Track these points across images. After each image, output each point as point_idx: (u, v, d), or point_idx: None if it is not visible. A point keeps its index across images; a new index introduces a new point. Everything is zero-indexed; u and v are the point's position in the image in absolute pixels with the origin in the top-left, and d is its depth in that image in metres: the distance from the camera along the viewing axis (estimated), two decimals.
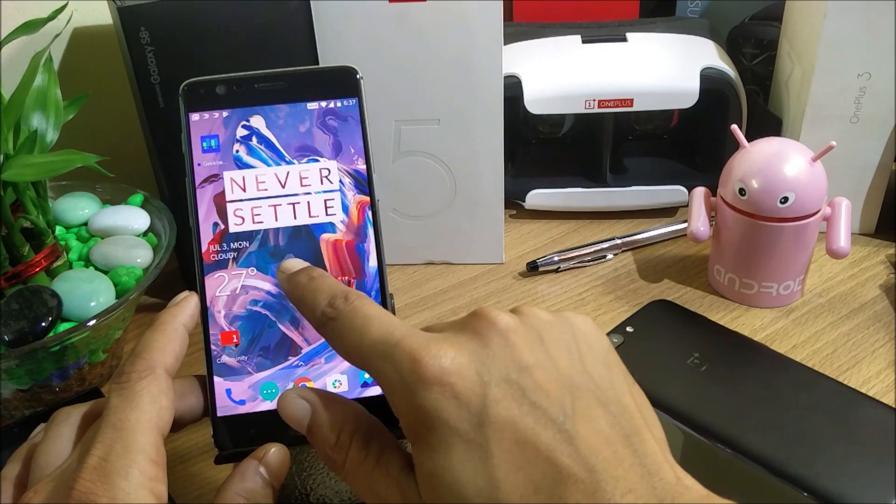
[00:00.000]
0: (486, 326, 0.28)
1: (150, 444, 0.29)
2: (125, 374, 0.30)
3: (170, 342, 0.32)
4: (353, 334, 0.29)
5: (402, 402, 0.27)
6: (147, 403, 0.30)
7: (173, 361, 0.32)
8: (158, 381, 0.30)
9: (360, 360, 0.29)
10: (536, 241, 0.64)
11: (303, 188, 0.36)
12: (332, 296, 0.30)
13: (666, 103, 0.61)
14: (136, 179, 0.55)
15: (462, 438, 0.26)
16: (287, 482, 0.40)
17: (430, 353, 0.27)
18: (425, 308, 0.57)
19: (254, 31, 0.49)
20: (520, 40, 0.66)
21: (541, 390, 0.26)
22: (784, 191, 0.50)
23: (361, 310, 0.29)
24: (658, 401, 0.46)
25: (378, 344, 0.28)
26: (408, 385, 0.27)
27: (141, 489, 0.28)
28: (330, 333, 0.30)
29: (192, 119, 0.36)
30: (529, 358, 0.27)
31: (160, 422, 0.30)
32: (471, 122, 0.55)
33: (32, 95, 0.46)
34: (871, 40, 0.53)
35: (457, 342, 0.28)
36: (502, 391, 0.26)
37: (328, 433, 0.30)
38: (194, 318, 0.34)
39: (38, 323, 0.42)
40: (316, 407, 0.30)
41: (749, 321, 0.54)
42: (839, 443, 0.42)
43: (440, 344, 0.27)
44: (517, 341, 0.28)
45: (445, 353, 0.27)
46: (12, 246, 0.45)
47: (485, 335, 0.28)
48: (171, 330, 0.32)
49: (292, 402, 0.30)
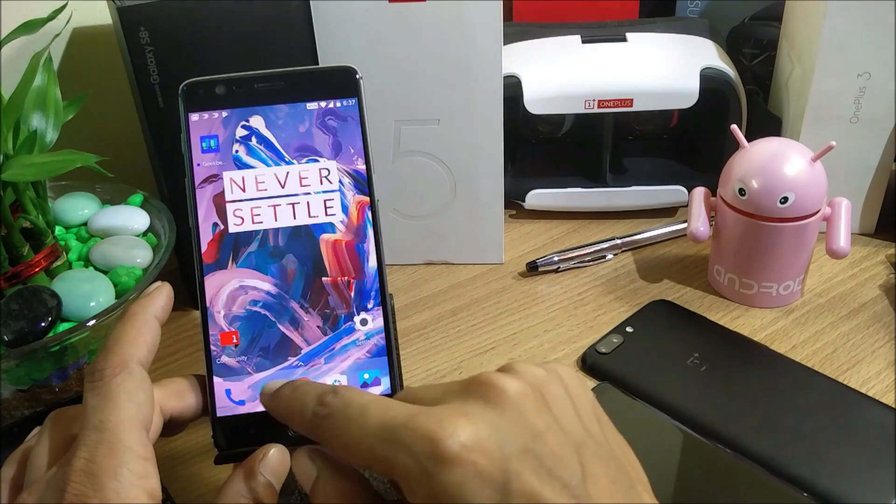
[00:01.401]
0: (497, 395, 0.27)
1: (136, 441, 0.28)
2: (98, 372, 0.30)
3: (141, 334, 0.31)
4: (351, 427, 0.28)
5: (420, 489, 0.26)
6: (125, 401, 0.29)
7: (146, 353, 0.31)
8: (133, 376, 0.30)
9: (364, 451, 0.27)
10: (536, 241, 0.64)
11: (302, 188, 0.36)
12: (319, 394, 0.29)
13: (666, 103, 0.60)
14: (136, 179, 0.55)
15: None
16: (287, 482, 0.40)
17: (447, 431, 0.26)
18: (425, 308, 0.57)
19: (254, 31, 0.49)
20: (520, 40, 0.66)
21: (554, 456, 0.26)
22: (784, 191, 0.50)
23: (354, 399, 0.28)
24: (658, 401, 0.46)
25: (382, 430, 0.27)
26: (425, 469, 0.25)
27: (132, 488, 0.27)
28: (326, 433, 0.29)
29: (192, 119, 0.36)
30: (541, 424, 0.27)
31: (142, 417, 0.29)
32: (471, 122, 0.55)
33: (32, 95, 0.46)
34: (871, 40, 0.53)
35: (470, 414, 0.27)
36: (522, 463, 0.26)
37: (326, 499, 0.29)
38: (166, 309, 0.33)
39: (38, 323, 0.42)
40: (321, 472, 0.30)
41: (749, 321, 0.54)
42: (839, 443, 0.42)
43: (455, 419, 0.26)
44: (528, 408, 0.27)
45: (463, 429, 0.26)
46: (12, 246, 0.45)
47: (498, 404, 0.27)
48: (142, 321, 0.32)
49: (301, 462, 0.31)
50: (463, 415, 0.26)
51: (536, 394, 0.28)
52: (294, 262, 0.35)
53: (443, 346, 0.53)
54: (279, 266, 0.35)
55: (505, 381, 0.28)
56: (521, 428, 0.27)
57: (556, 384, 0.29)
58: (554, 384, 0.29)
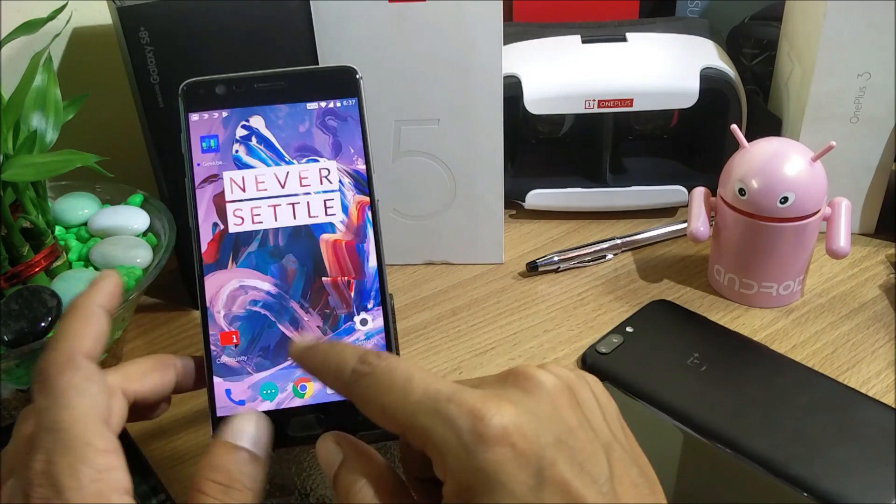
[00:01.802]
0: (535, 385, 0.28)
1: (93, 435, 0.27)
2: (43, 371, 0.29)
3: (85, 325, 0.30)
4: (392, 391, 0.27)
5: (456, 462, 0.26)
6: (75, 396, 0.28)
7: (92, 345, 0.30)
8: (80, 370, 0.29)
9: (403, 417, 0.27)
10: (536, 241, 0.64)
11: (302, 188, 0.36)
12: (362, 353, 0.29)
13: (666, 103, 0.60)
14: (136, 179, 0.55)
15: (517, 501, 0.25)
16: (287, 482, 0.40)
17: (491, 409, 0.26)
18: (425, 308, 0.57)
19: (254, 31, 0.49)
20: (520, 40, 0.66)
21: (585, 451, 0.27)
22: (784, 191, 0.50)
23: (400, 365, 0.28)
24: (658, 401, 0.46)
25: (425, 399, 0.27)
26: (466, 445, 0.26)
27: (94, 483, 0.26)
28: (363, 392, 0.28)
29: (192, 119, 0.36)
30: (573, 419, 0.27)
31: (96, 410, 0.28)
32: (471, 122, 0.55)
33: (32, 95, 0.46)
34: (871, 40, 0.53)
35: (512, 399, 0.27)
36: (557, 453, 0.26)
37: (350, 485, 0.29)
38: (113, 297, 0.32)
39: (38, 323, 0.42)
40: (347, 455, 0.30)
41: (749, 321, 0.54)
42: (839, 443, 0.42)
43: (498, 401, 0.26)
44: (563, 402, 0.28)
45: (507, 411, 0.26)
46: (12, 246, 0.45)
47: (535, 394, 0.27)
48: (86, 314, 0.31)
49: (327, 445, 0.30)
50: (505, 399, 0.27)
51: (569, 391, 0.28)
52: (294, 262, 0.35)
53: (443, 346, 0.53)
54: (279, 266, 0.35)
55: (542, 374, 0.28)
56: (556, 420, 0.27)
57: (584, 388, 0.30)
58: (583, 387, 0.29)
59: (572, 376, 0.30)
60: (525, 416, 0.26)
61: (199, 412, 0.48)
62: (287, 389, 0.34)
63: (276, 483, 0.40)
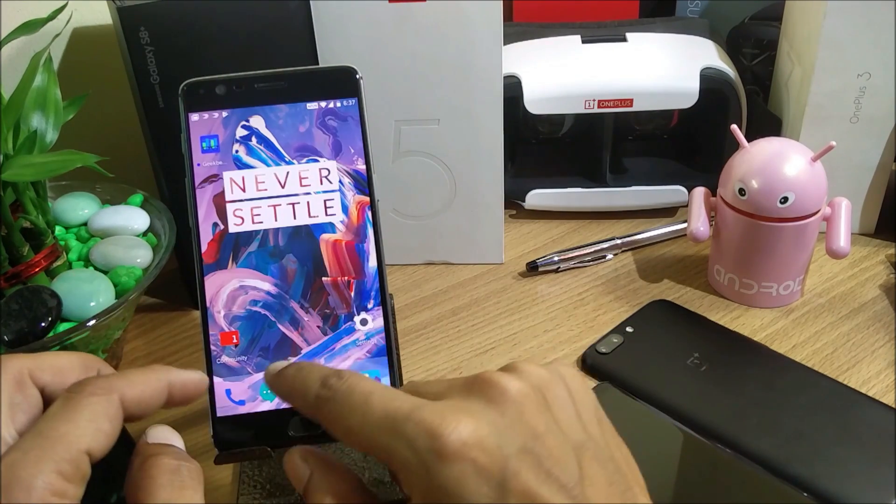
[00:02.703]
0: (499, 394, 0.28)
1: (69, 458, 0.26)
2: (79, 386, 0.28)
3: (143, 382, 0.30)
4: (353, 413, 0.28)
5: (418, 481, 0.26)
6: (85, 420, 0.27)
7: (136, 397, 0.29)
8: (109, 404, 0.28)
9: (365, 439, 0.28)
10: (536, 241, 0.64)
11: (302, 188, 0.36)
12: (323, 377, 0.29)
13: (666, 103, 0.60)
14: (136, 179, 0.55)
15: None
16: (287, 482, 0.40)
17: (449, 426, 0.26)
18: (425, 308, 0.57)
19: (254, 31, 0.49)
20: (520, 40, 0.66)
21: (552, 457, 0.27)
22: (784, 191, 0.50)
23: (358, 386, 0.28)
24: (658, 401, 0.46)
25: (384, 420, 0.27)
26: (425, 463, 0.26)
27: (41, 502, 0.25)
28: (328, 416, 0.29)
29: (192, 119, 0.36)
30: (541, 425, 0.27)
31: (92, 441, 0.27)
32: (471, 122, 0.55)
33: (32, 95, 0.46)
34: (871, 40, 0.53)
35: (472, 412, 0.27)
36: (520, 462, 0.26)
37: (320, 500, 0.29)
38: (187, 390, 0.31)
39: (38, 323, 0.42)
40: (314, 471, 0.30)
41: (749, 321, 0.54)
42: (839, 443, 0.42)
43: (457, 415, 0.26)
44: (529, 408, 0.28)
45: (465, 426, 0.26)
46: (12, 246, 0.45)
47: (499, 403, 0.27)
48: (155, 378, 0.30)
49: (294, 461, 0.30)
50: (465, 412, 0.27)
51: (538, 394, 0.28)
52: (294, 262, 0.35)
53: (443, 346, 0.53)
54: (279, 266, 0.35)
55: (507, 380, 0.28)
56: (521, 428, 0.27)
57: (558, 385, 0.29)
58: (556, 385, 0.29)
59: (544, 374, 0.29)
60: (486, 427, 0.26)
61: (199, 412, 0.48)
62: None
63: (276, 483, 0.40)
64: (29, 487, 0.26)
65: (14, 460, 0.26)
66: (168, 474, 0.28)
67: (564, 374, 0.30)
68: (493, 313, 0.56)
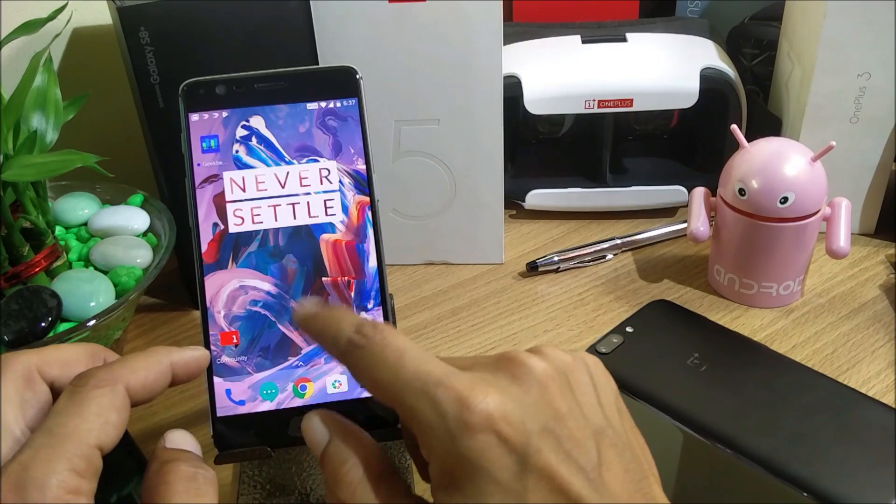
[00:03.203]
0: (525, 373, 0.28)
1: (80, 454, 0.26)
2: (83, 379, 0.28)
3: (146, 367, 0.30)
4: (384, 366, 0.28)
5: (440, 446, 0.26)
6: (93, 414, 0.27)
7: (140, 383, 0.29)
8: (115, 395, 0.28)
9: (393, 395, 0.28)
10: (536, 241, 0.64)
11: (302, 188, 0.36)
12: (358, 324, 0.29)
13: (666, 103, 0.60)
14: (136, 179, 0.55)
15: (501, 487, 0.26)
16: (287, 482, 0.40)
17: (477, 396, 0.26)
18: (425, 308, 0.57)
19: (254, 31, 0.49)
20: (520, 40, 0.66)
21: (573, 439, 0.27)
22: (784, 191, 0.50)
23: (394, 340, 0.28)
24: (658, 401, 0.46)
25: (415, 380, 0.27)
26: (450, 430, 0.26)
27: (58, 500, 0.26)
28: (357, 363, 0.29)
29: (192, 119, 0.36)
30: (563, 406, 0.27)
31: (101, 435, 0.27)
32: (471, 122, 0.55)
33: (32, 95, 0.46)
34: (871, 40, 0.53)
35: (500, 387, 0.27)
36: (542, 440, 0.26)
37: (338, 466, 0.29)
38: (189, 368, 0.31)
39: (38, 323, 0.42)
40: (333, 436, 0.30)
41: (749, 321, 0.54)
42: (839, 443, 0.42)
43: (485, 388, 0.27)
44: (553, 389, 0.28)
45: (493, 398, 0.26)
46: (12, 246, 0.45)
47: (524, 381, 0.28)
48: (156, 360, 0.30)
49: (312, 424, 0.30)
50: (493, 385, 0.27)
51: (562, 377, 0.28)
52: (294, 262, 0.35)
53: (443, 346, 0.53)
54: (279, 266, 0.35)
55: (533, 360, 0.28)
56: (544, 407, 0.27)
57: (581, 370, 0.30)
58: (579, 370, 0.29)
59: (568, 359, 0.29)
60: (511, 403, 0.27)
61: (199, 412, 0.48)
62: (287, 389, 0.34)
63: (276, 483, 0.40)
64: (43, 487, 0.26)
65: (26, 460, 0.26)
66: (184, 481, 0.28)
67: (588, 362, 0.30)
68: (493, 313, 0.56)
